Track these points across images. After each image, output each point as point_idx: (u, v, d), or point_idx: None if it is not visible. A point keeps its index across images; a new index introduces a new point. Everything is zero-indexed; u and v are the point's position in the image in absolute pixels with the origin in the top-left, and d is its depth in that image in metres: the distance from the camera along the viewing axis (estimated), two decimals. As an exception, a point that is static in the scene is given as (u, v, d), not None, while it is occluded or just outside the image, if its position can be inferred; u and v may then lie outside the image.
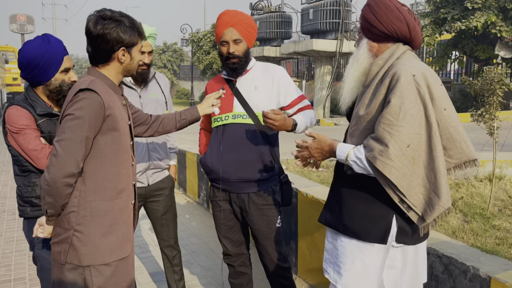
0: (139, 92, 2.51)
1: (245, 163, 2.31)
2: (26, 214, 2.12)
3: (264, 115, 2.14)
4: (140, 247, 4.16)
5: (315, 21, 14.79)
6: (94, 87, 1.66)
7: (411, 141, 1.55)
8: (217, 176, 2.38)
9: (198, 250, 4.09)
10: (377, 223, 1.68)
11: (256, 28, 2.36)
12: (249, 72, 2.38)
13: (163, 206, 2.67)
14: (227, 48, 2.29)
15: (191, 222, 4.90)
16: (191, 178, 5.82)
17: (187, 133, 10.73)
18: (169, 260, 2.82)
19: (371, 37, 1.77)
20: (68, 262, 1.71)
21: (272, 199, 2.38)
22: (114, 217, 1.76)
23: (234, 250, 2.51)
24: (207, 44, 22.88)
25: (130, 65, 1.78)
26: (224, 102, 2.36)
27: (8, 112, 2.05)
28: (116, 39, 1.69)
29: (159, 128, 2.17)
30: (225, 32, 2.28)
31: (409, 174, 1.57)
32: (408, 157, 1.56)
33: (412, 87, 1.57)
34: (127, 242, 1.83)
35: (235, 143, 2.32)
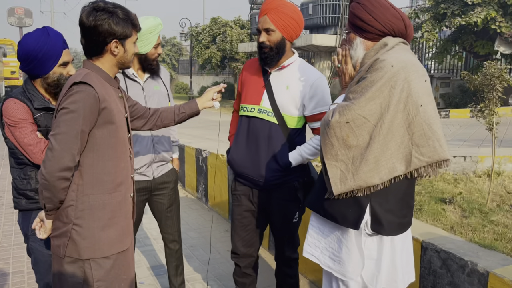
0: (142, 84, 2.50)
1: (267, 161, 2.27)
2: (21, 206, 2.12)
3: None
4: (139, 240, 4.16)
5: (314, 16, 14.75)
6: (88, 80, 1.65)
7: (353, 120, 1.59)
8: (240, 171, 2.36)
9: (197, 244, 4.10)
10: (352, 209, 1.70)
11: (297, 19, 2.20)
12: (287, 69, 2.28)
13: (168, 199, 2.67)
14: (259, 36, 2.21)
15: (189, 216, 4.90)
16: (189, 173, 5.82)
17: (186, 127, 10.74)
18: (171, 254, 2.82)
19: (367, 36, 1.76)
20: (67, 256, 1.71)
21: (293, 195, 2.34)
22: (112, 210, 1.76)
23: (243, 249, 2.46)
24: (206, 38, 22.80)
25: (124, 57, 1.76)
26: (254, 92, 2.31)
27: (5, 105, 2.04)
28: (108, 31, 1.67)
29: (157, 122, 2.14)
30: (260, 20, 2.20)
31: (337, 146, 1.63)
32: (343, 131, 1.61)
33: (386, 76, 1.58)
34: (127, 235, 1.84)
35: (258, 139, 2.28)
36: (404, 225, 1.76)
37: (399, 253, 1.76)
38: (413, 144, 1.63)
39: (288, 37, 2.22)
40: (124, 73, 2.43)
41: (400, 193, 1.71)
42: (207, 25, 23.51)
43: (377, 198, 1.68)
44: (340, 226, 1.75)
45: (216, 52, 22.33)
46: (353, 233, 1.73)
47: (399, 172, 1.64)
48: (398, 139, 1.62)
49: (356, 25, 1.76)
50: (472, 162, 4.51)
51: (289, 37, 2.23)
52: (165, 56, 37.30)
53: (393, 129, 1.61)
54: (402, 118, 1.61)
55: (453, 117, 11.90)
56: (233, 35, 21.74)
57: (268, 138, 2.27)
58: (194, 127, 11.06)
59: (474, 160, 4.51)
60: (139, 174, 2.49)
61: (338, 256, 1.78)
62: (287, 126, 2.28)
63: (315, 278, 3.23)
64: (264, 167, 2.28)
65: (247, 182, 2.38)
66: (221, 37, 22.23)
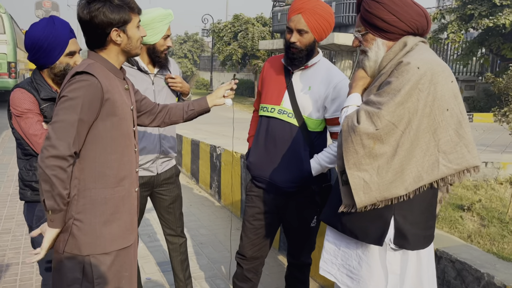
0: (152, 78, 2.45)
1: (284, 165, 2.18)
2: (27, 198, 2.10)
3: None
4: (148, 235, 4.14)
5: (337, 15, 14.54)
6: (91, 70, 1.59)
7: (382, 128, 1.47)
8: (256, 174, 2.29)
9: (206, 242, 4.06)
10: (374, 223, 1.60)
11: (330, 21, 2.10)
12: (310, 69, 2.18)
13: (170, 195, 2.63)
14: (290, 36, 2.09)
15: (201, 213, 4.87)
16: (203, 169, 5.79)
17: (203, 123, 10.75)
18: (175, 249, 2.78)
19: (389, 37, 1.63)
20: (67, 251, 1.66)
21: (311, 199, 2.25)
22: (115, 205, 1.71)
23: (250, 252, 2.36)
24: (227, 35, 22.81)
25: (129, 45, 1.68)
26: (275, 91, 2.22)
27: (12, 94, 2.03)
28: (104, 21, 1.59)
29: (165, 119, 2.07)
30: (292, 18, 2.07)
31: (361, 154, 1.50)
32: (370, 139, 1.48)
33: (413, 79, 1.47)
34: (130, 231, 1.78)
35: (277, 141, 2.19)
36: (429, 238, 1.66)
37: (425, 267, 1.67)
38: (440, 151, 1.53)
39: (319, 39, 2.13)
40: (137, 65, 2.39)
41: (425, 203, 1.61)
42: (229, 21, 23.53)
43: (401, 211, 1.57)
44: (359, 241, 1.65)
45: (237, 49, 22.32)
46: (375, 249, 1.63)
47: (426, 181, 1.54)
48: (423, 146, 1.51)
49: (376, 25, 1.62)
50: (494, 169, 4.34)
51: (320, 38, 2.13)
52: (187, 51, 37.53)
53: (419, 135, 1.50)
54: (428, 123, 1.51)
55: (477, 121, 11.57)
56: (255, 32, 21.69)
57: (287, 140, 2.18)
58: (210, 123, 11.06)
59: (496, 166, 4.34)
60: (143, 169, 2.45)
61: (358, 274, 1.67)
62: (308, 129, 2.18)
63: (324, 283, 3.15)
64: (282, 171, 2.19)
65: (263, 185, 2.29)
66: (242, 34, 22.21)
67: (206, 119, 2.37)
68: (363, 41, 1.68)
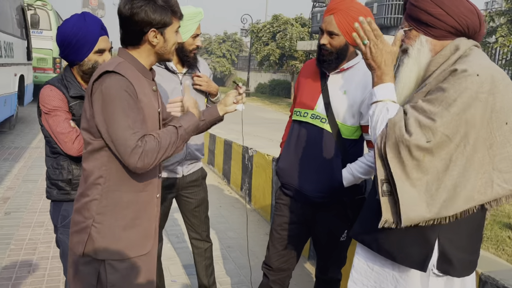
0: (181, 78, 2.38)
1: (314, 173, 2.05)
2: (53, 197, 2.07)
3: None
4: (177, 236, 4.10)
5: (379, 16, 14.17)
6: (121, 70, 1.52)
7: (434, 139, 1.31)
8: (285, 180, 2.17)
9: (234, 245, 3.97)
10: (416, 245, 1.43)
11: None
12: (347, 72, 2.05)
13: (196, 198, 2.56)
14: (321, 37, 1.99)
15: (231, 215, 4.79)
16: (235, 170, 5.71)
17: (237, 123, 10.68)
18: (200, 254, 2.70)
19: (434, 34, 1.47)
20: (86, 254, 1.60)
21: (342, 212, 2.11)
22: (137, 210, 1.64)
23: (276, 263, 2.24)
24: (266, 35, 22.73)
25: (163, 48, 1.61)
26: (309, 95, 2.10)
27: (42, 91, 2.00)
28: (144, 19, 1.52)
29: None
30: (325, 19, 1.97)
31: (409, 167, 1.33)
32: (420, 151, 1.32)
33: (472, 87, 1.30)
34: (149, 238, 1.71)
35: (308, 147, 2.07)
36: (475, 263, 1.49)
37: None
38: (495, 169, 1.37)
39: (352, 42, 1.97)
40: (165, 65, 2.32)
41: (473, 226, 1.45)
42: (268, 22, 23.44)
43: (447, 233, 1.41)
44: (393, 263, 1.50)
45: (275, 49, 22.21)
46: (416, 273, 1.47)
47: (477, 202, 1.37)
48: (477, 162, 1.35)
49: (420, 20, 1.47)
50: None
51: (353, 42, 1.99)
52: (226, 51, 37.77)
53: (474, 150, 1.34)
54: (484, 137, 1.35)
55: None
56: (293, 32, 21.51)
57: (318, 147, 2.04)
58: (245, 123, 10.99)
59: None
60: (169, 171, 2.39)
61: None
62: (342, 136, 2.04)
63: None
64: (312, 180, 2.06)
65: (292, 193, 2.17)
66: (281, 35, 22.08)
67: (238, 119, 2.26)
68: (405, 39, 1.53)
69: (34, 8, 11.54)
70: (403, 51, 1.55)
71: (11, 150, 7.31)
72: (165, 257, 3.61)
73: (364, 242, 1.60)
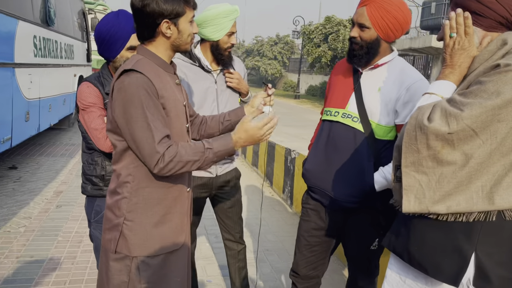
0: (216, 77, 2.37)
1: (344, 176, 1.95)
2: (87, 192, 2.13)
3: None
4: (216, 236, 4.10)
5: (437, 16, 13.60)
6: (139, 68, 1.50)
7: (457, 132, 1.21)
8: (312, 183, 2.08)
9: (272, 249, 3.91)
10: (450, 258, 1.31)
11: (400, 19, 1.84)
12: (380, 68, 1.95)
13: (229, 198, 2.53)
14: (352, 30, 1.91)
15: (271, 217, 4.74)
16: (278, 172, 5.65)
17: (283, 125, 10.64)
18: (233, 256, 2.67)
19: (483, 23, 1.36)
20: (118, 251, 1.61)
21: (373, 219, 2.00)
22: (167, 206, 1.63)
23: (305, 271, 2.17)
24: (318, 37, 22.50)
25: (179, 39, 1.58)
26: (341, 94, 2.01)
27: (79, 88, 2.06)
28: (155, 10, 1.50)
29: (202, 131, 1.92)
30: (357, 11, 1.88)
31: (424, 155, 1.26)
32: (439, 141, 1.24)
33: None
34: (181, 233, 1.69)
35: (338, 148, 1.97)
36: None
37: None
38: None
39: (385, 37, 1.88)
40: (200, 64, 2.32)
41: None
42: (321, 23, 23.19)
43: (486, 246, 1.28)
44: (426, 276, 1.39)
45: (327, 51, 21.93)
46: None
47: (497, 207, 1.25)
48: (499, 165, 1.24)
49: (469, 8, 1.36)
50: None
51: (386, 37, 1.88)
52: (277, 53, 37.83)
53: (499, 151, 1.23)
54: None
55: None
56: (346, 34, 21.12)
57: (349, 148, 1.93)
58: (291, 125, 10.92)
59: None
60: (202, 170, 2.38)
61: None
62: (375, 137, 1.92)
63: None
64: (341, 183, 1.95)
65: (320, 197, 2.07)
66: (333, 36, 21.77)
67: (288, 120, 2.19)
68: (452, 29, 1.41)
69: (95, 12, 12.15)
70: None
71: (68, 147, 7.71)
72: (202, 256, 3.63)
73: (395, 252, 1.49)
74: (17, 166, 6.13)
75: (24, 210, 4.44)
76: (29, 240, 3.71)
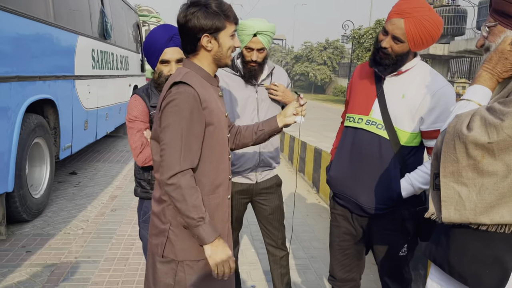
0: (256, 87, 2.42)
1: (370, 183, 1.95)
2: (137, 194, 2.27)
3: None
4: (261, 241, 4.14)
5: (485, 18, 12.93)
6: (188, 80, 1.60)
7: (498, 142, 1.17)
8: (338, 190, 2.10)
9: (318, 256, 3.90)
10: (490, 268, 1.27)
11: (434, 36, 1.84)
12: (404, 74, 1.94)
13: (270, 205, 2.57)
14: (383, 39, 1.88)
15: (317, 224, 4.72)
16: (324, 179, 5.62)
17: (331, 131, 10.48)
18: (275, 261, 2.71)
19: None
20: (165, 256, 1.70)
21: (399, 225, 1.99)
22: (210, 212, 1.69)
23: (341, 274, 2.20)
24: (368, 40, 22.10)
25: (219, 52, 1.65)
26: (364, 100, 2.01)
27: (129, 100, 2.19)
28: (196, 25, 1.59)
29: (236, 140, 1.96)
30: (392, 21, 1.84)
31: (463, 165, 1.22)
32: (478, 151, 1.20)
33: None
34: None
35: (363, 155, 1.97)
36: None
37: None
38: None
39: (414, 49, 1.88)
40: (241, 74, 2.38)
41: None
42: (371, 27, 22.78)
43: None
44: None
45: (377, 55, 21.47)
46: None
47: None
48: None
49: (508, 13, 1.31)
50: None
51: (415, 49, 1.88)
52: (327, 59, 37.52)
53: None
54: None
55: None
56: (398, 37, 20.60)
57: (375, 155, 1.94)
58: (342, 131, 10.74)
59: None
60: (242, 176, 2.44)
61: None
62: (400, 143, 1.91)
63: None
64: (367, 190, 1.96)
65: (346, 204, 2.09)
66: (384, 40, 21.30)
67: (336, 126, 2.22)
68: (489, 36, 1.37)
69: (148, 24, 12.71)
70: (486, 50, 1.40)
71: (123, 154, 8.09)
72: (248, 261, 3.69)
73: (436, 262, 1.47)
74: (77, 172, 6.52)
75: (82, 213, 4.73)
76: (86, 242, 3.95)
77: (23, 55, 4.13)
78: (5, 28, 3.82)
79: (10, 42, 3.91)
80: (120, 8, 8.76)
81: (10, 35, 3.91)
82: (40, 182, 4.75)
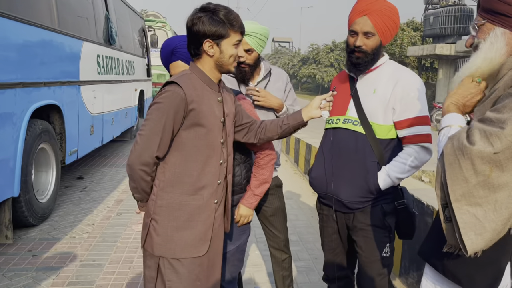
0: (246, 89, 2.43)
1: (348, 177, 2.02)
2: None
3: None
4: (265, 243, 4.15)
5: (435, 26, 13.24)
6: (180, 81, 1.66)
7: (503, 151, 1.13)
8: (319, 190, 2.16)
9: (321, 257, 3.86)
10: (483, 269, 1.27)
11: (397, 23, 2.00)
12: (374, 72, 2.05)
13: (270, 206, 2.58)
14: (354, 39, 1.98)
15: (322, 226, 4.71)
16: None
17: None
18: (277, 263, 2.72)
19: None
20: (145, 248, 1.78)
21: (380, 220, 2.02)
22: (190, 213, 1.73)
23: (333, 272, 2.26)
24: (374, 42, 22.07)
25: (221, 59, 1.71)
26: (340, 103, 2.10)
27: None
28: (200, 30, 1.65)
29: (261, 135, 1.98)
30: (357, 21, 1.97)
31: (473, 184, 1.16)
32: (486, 165, 1.15)
33: None
34: (203, 242, 1.77)
35: (342, 152, 2.05)
36: None
37: None
38: None
39: (384, 42, 2.01)
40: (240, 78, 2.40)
41: None
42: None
43: None
44: None
45: (384, 56, 21.40)
46: None
47: None
48: None
49: (496, 11, 1.31)
50: None
51: (385, 41, 2.00)
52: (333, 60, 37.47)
53: None
54: None
55: None
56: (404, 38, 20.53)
57: (352, 150, 2.00)
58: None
59: None
60: None
61: None
62: (376, 137, 1.98)
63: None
64: (346, 184, 2.01)
65: (329, 202, 2.12)
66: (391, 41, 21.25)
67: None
68: (478, 33, 1.37)
69: (154, 29, 12.80)
70: (474, 49, 1.40)
71: (130, 158, 8.15)
72: (251, 263, 3.70)
73: (431, 263, 1.47)
74: (84, 176, 6.58)
75: (88, 217, 4.77)
76: (92, 245, 3.98)
77: (28, 61, 4.19)
78: (10, 36, 3.88)
79: (15, 49, 3.96)
80: (125, 13, 8.85)
81: (15, 42, 3.97)
82: (46, 187, 4.80)
